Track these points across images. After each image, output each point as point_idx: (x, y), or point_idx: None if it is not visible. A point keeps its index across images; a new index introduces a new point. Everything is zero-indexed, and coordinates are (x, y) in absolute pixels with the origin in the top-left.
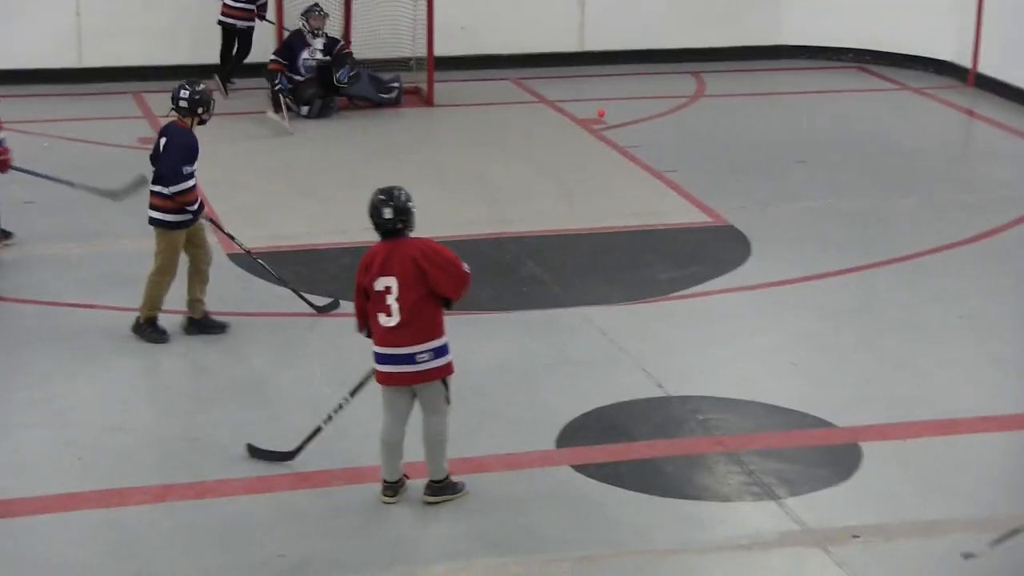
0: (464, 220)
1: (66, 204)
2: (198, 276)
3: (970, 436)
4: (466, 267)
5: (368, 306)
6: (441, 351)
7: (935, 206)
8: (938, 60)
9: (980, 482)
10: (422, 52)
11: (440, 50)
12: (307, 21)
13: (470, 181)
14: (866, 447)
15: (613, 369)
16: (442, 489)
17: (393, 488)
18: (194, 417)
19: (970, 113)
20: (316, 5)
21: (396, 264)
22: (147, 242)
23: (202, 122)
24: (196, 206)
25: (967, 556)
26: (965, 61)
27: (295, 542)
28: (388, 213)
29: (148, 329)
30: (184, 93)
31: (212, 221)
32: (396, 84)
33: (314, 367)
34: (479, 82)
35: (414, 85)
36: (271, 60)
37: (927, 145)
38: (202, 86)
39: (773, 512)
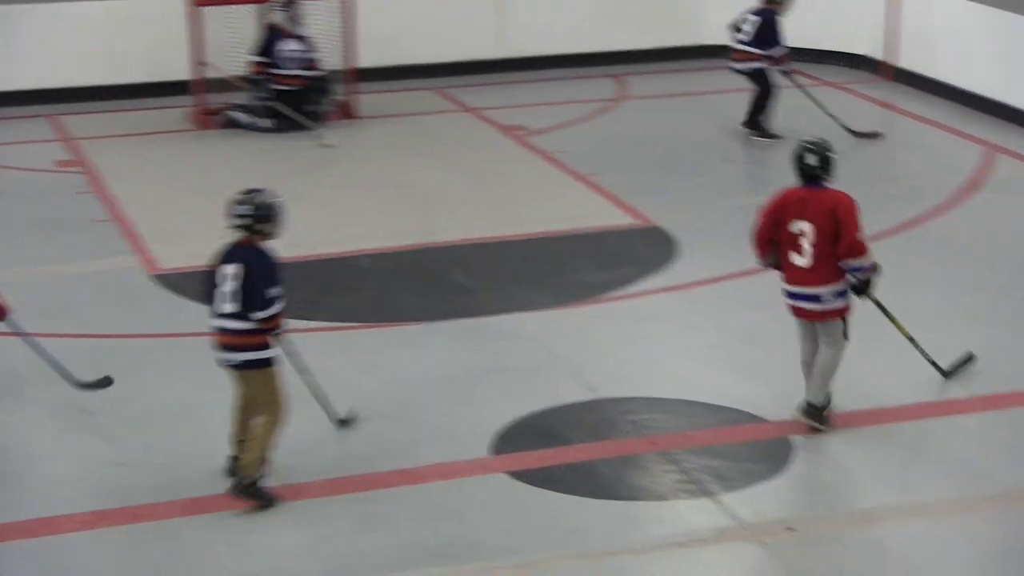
0: (391, 231)
1: None
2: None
3: (899, 424)
4: (863, 238)
5: (781, 244)
6: (842, 293)
7: (860, 198)
8: (857, 55)
9: (912, 469)
10: (344, 64)
11: (362, 61)
12: (288, 11)
13: (396, 192)
14: (798, 440)
15: (545, 374)
16: (810, 412)
17: (811, 411)
18: (125, 442)
19: (889, 107)
20: None
21: (813, 212)
22: (71, 267)
23: (266, 237)
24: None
25: None
26: (883, 56)
27: (232, 562)
28: (812, 160)
29: (255, 490)
30: (244, 209)
31: None
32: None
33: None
34: (401, 92)
35: (337, 98)
36: (253, 62)
37: (850, 139)
38: (262, 195)
39: (708, 509)
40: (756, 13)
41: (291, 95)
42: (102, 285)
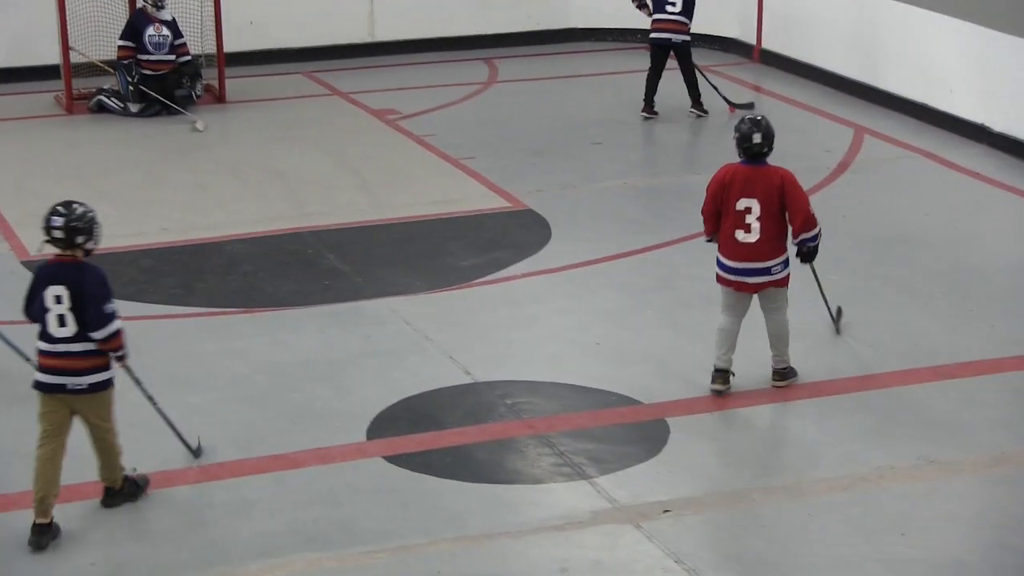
0: (264, 216)
1: None
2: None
3: (775, 405)
4: (811, 209)
5: (723, 220)
6: (787, 263)
7: None
8: (724, 37)
9: (781, 451)
10: (211, 49)
11: (229, 46)
12: None
13: (268, 176)
14: (672, 422)
15: (420, 358)
16: (785, 374)
17: (724, 376)
18: None
19: (757, 88)
20: None
21: (759, 188)
22: None
23: (87, 253)
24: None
25: None
26: (749, 38)
27: (109, 550)
28: (758, 138)
29: (132, 485)
30: (58, 221)
31: None
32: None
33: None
34: (271, 76)
35: (206, 82)
36: (120, 46)
37: (717, 121)
38: (80, 208)
39: (585, 491)
40: None
41: (159, 79)
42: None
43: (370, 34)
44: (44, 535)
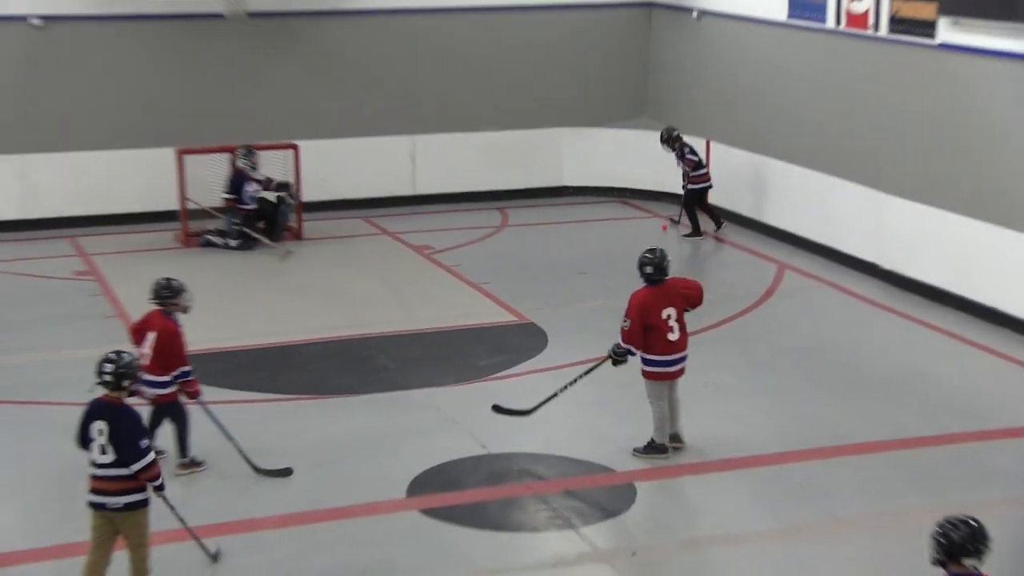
0: (328, 325)
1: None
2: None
3: (719, 474)
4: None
5: (648, 332)
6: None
7: None
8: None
9: (728, 506)
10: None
11: (307, 197)
12: (249, 160)
13: (332, 295)
14: (640, 485)
15: (448, 435)
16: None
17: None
18: None
19: (706, 234)
20: (251, 147)
21: (671, 298)
22: (85, 351)
23: (131, 394)
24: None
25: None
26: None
27: None
28: (650, 269)
29: None
30: (108, 367)
31: None
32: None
33: None
34: (337, 220)
35: (288, 225)
36: (225, 198)
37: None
38: (127, 356)
39: (572, 539)
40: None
41: (252, 219)
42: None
43: (412, 188)
44: None
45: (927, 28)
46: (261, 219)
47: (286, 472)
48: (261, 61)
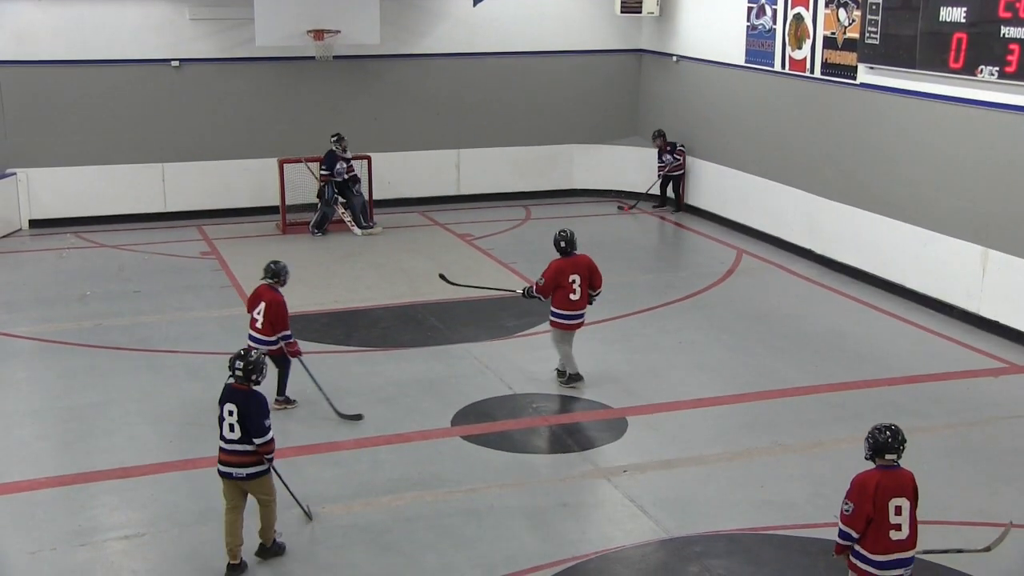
0: (393, 294)
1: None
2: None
3: (690, 411)
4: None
5: (556, 290)
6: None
7: (664, 280)
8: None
9: (696, 435)
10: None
11: (376, 196)
12: (340, 144)
13: (396, 272)
14: (630, 419)
15: (482, 379)
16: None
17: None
18: None
19: (680, 226)
20: (340, 135)
21: (579, 268)
22: (208, 312)
23: (257, 383)
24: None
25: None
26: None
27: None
28: (563, 243)
29: (275, 549)
30: (239, 364)
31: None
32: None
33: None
34: (399, 214)
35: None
36: (322, 174)
37: (651, 243)
38: (255, 354)
39: (577, 458)
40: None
41: (342, 186)
42: (227, 323)
43: (457, 189)
44: (235, 571)
45: (850, 72)
46: (343, 193)
47: (358, 417)
48: (342, 92)
